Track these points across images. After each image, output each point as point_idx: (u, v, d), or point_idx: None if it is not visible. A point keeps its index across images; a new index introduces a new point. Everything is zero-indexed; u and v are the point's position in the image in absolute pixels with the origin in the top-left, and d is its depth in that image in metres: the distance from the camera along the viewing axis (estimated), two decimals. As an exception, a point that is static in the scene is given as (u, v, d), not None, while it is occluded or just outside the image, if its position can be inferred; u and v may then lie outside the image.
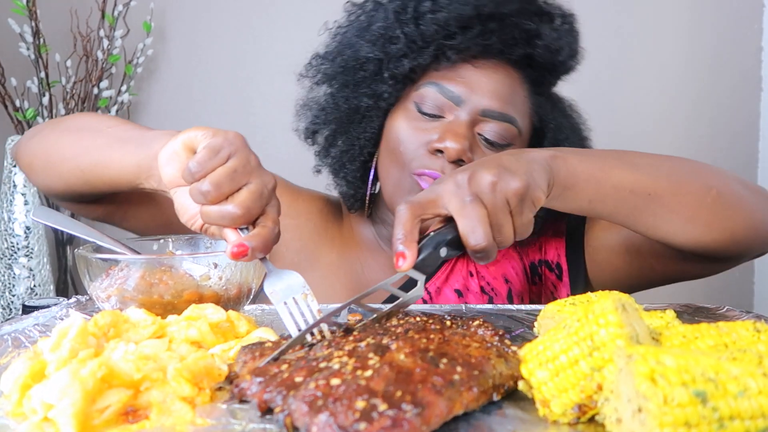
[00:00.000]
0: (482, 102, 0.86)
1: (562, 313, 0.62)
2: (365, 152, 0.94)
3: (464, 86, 0.86)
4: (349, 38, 0.93)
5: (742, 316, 0.74)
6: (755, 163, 1.92)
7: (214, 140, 0.61)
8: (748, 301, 1.89)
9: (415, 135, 0.87)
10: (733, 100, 1.89)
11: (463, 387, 0.44)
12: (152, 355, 0.52)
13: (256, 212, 0.61)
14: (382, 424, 0.39)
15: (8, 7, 1.59)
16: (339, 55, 0.93)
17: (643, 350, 0.39)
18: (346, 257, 1.00)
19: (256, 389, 0.46)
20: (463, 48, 0.86)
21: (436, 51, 0.87)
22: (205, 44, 1.83)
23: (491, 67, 0.88)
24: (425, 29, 0.87)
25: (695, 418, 0.36)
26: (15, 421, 0.46)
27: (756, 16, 1.87)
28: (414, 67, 0.88)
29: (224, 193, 0.60)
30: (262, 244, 0.60)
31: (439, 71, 0.88)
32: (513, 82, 0.89)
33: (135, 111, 1.82)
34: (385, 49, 0.89)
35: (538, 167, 0.66)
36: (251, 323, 0.64)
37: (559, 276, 0.98)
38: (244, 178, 0.60)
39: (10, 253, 1.44)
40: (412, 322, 0.57)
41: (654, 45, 1.87)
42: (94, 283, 0.69)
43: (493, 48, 0.87)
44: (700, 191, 0.74)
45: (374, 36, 0.90)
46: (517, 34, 0.87)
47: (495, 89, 0.87)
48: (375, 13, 0.92)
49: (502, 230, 0.61)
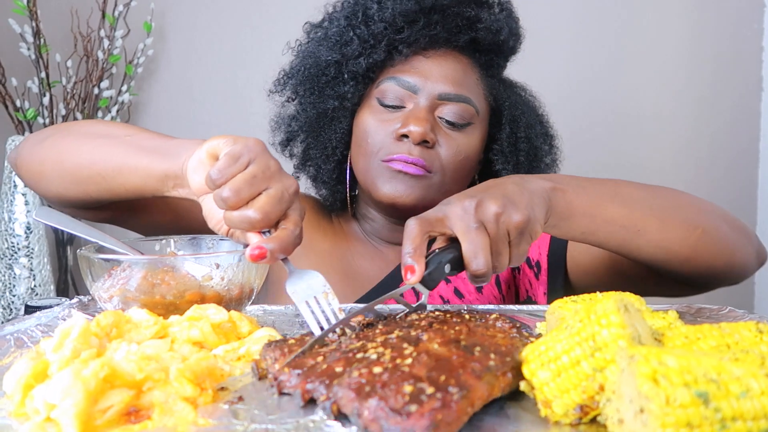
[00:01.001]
0: (437, 87, 0.93)
1: (564, 310, 0.62)
2: (338, 152, 1.01)
3: (419, 76, 0.93)
4: (310, 50, 1.01)
5: (744, 317, 0.74)
6: (755, 163, 1.92)
7: (234, 147, 0.63)
8: (748, 303, 1.90)
9: (380, 126, 0.93)
10: (733, 100, 1.89)
11: (499, 372, 0.47)
12: (154, 356, 0.52)
13: (276, 216, 0.63)
14: (432, 406, 0.40)
15: (9, 7, 1.59)
16: (302, 66, 1.01)
17: (645, 351, 0.39)
18: (338, 246, 1.05)
19: (296, 381, 0.47)
20: (413, 41, 0.94)
21: (388, 47, 0.95)
22: (205, 44, 1.83)
23: (441, 55, 0.96)
24: (374, 28, 0.94)
25: (697, 419, 0.36)
26: (18, 421, 0.46)
27: (756, 17, 1.88)
28: (371, 66, 0.95)
29: (244, 199, 0.61)
30: (280, 247, 0.62)
31: (394, 66, 0.96)
32: (464, 67, 0.97)
33: (135, 111, 1.82)
34: (342, 51, 0.96)
35: (538, 200, 0.70)
36: (253, 324, 0.64)
37: (536, 274, 1.01)
38: (264, 184, 0.62)
39: (10, 253, 1.44)
40: (432, 316, 0.59)
41: (654, 45, 1.87)
42: (96, 283, 0.69)
43: (440, 37, 0.95)
44: (687, 229, 0.79)
45: (331, 42, 0.97)
46: (459, 21, 0.95)
47: (447, 74, 0.94)
48: (329, 24, 1.00)
49: (500, 258, 0.66)
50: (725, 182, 1.91)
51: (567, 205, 0.73)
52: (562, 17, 1.86)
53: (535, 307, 0.82)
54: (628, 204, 0.77)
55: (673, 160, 1.88)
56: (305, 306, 0.61)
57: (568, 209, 0.73)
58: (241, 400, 0.49)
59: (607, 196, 0.76)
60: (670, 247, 0.78)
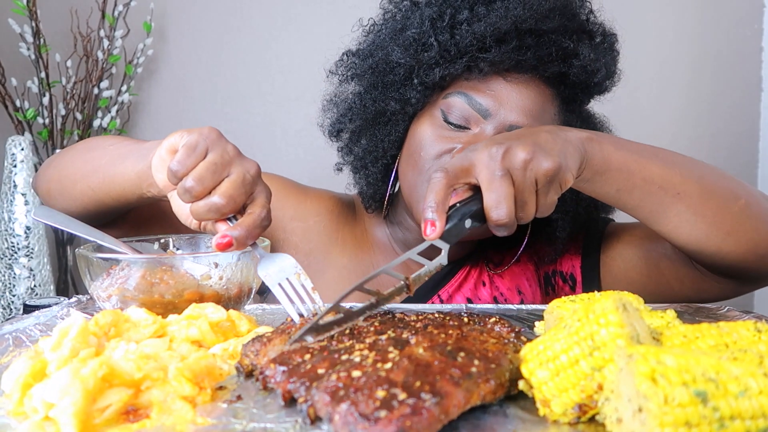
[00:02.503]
0: (510, 116, 0.84)
1: (562, 309, 0.62)
2: (388, 155, 0.94)
3: (493, 99, 0.85)
4: (382, 39, 0.92)
5: (742, 316, 0.74)
6: (755, 163, 1.92)
7: (190, 138, 0.64)
8: (748, 302, 1.89)
9: (438, 143, 0.86)
10: (733, 101, 1.89)
11: (480, 379, 0.45)
12: (153, 355, 0.52)
13: (241, 199, 0.63)
14: (401, 412, 0.40)
15: (8, 7, 1.59)
16: (370, 55, 0.92)
17: (644, 350, 0.39)
18: (358, 260, 0.99)
19: (280, 378, 0.47)
20: (497, 61, 0.84)
21: (469, 62, 0.85)
22: (205, 44, 1.83)
23: (523, 82, 0.86)
24: (460, 39, 0.85)
25: (696, 418, 0.36)
26: (16, 420, 0.46)
27: (756, 17, 1.87)
28: (444, 75, 0.86)
29: (207, 187, 0.62)
30: (245, 233, 0.62)
31: (469, 81, 0.86)
32: (544, 99, 0.87)
33: (135, 111, 1.82)
34: (418, 56, 0.87)
35: (572, 149, 0.66)
36: (252, 322, 0.64)
37: (572, 287, 0.97)
38: (225, 169, 0.63)
39: (10, 253, 1.44)
40: (431, 317, 0.58)
41: (654, 45, 1.87)
42: (95, 282, 0.69)
43: (528, 63, 0.85)
44: (728, 198, 0.73)
45: (407, 41, 0.88)
46: (554, 51, 0.85)
47: (524, 105, 0.85)
48: (410, 16, 0.90)
49: (525, 208, 0.63)
50: (725, 182, 1.91)
51: (604, 157, 0.68)
52: (562, 17, 1.86)
53: (534, 307, 0.82)
54: (668, 165, 0.72)
55: (672, 160, 1.88)
56: (278, 288, 0.62)
57: (604, 162, 0.68)
58: (240, 398, 0.49)
59: (647, 154, 0.71)
60: (710, 216, 0.72)
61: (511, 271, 0.98)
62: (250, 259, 0.70)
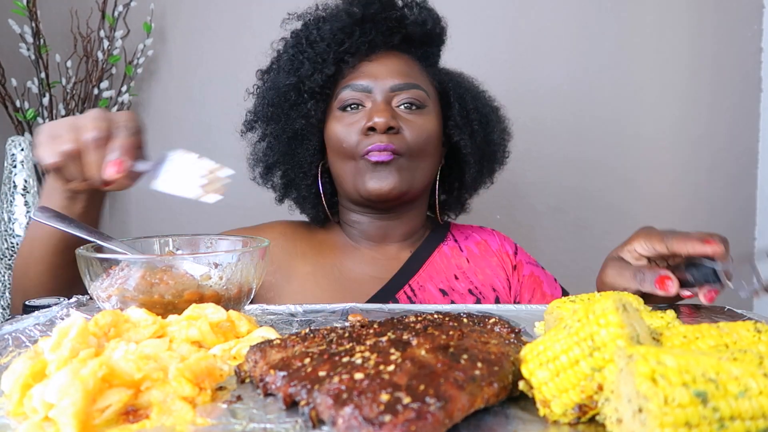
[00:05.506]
0: (387, 82, 1.04)
1: (562, 309, 0.62)
2: (313, 167, 1.10)
3: (369, 77, 1.04)
4: (268, 85, 1.11)
5: (742, 317, 0.74)
6: (755, 163, 1.92)
7: (45, 129, 0.79)
8: (748, 302, 1.89)
9: (349, 128, 1.03)
10: (733, 101, 1.89)
11: (484, 382, 0.45)
12: (153, 355, 0.52)
13: (106, 124, 0.76)
14: (406, 417, 0.40)
15: (8, 7, 1.59)
16: (265, 99, 1.10)
17: (644, 350, 0.39)
18: (320, 265, 1.09)
19: (280, 383, 0.47)
20: (354, 50, 1.05)
21: (336, 60, 1.05)
22: (205, 44, 1.83)
23: (383, 56, 1.07)
24: (319, 48, 1.05)
25: (696, 419, 0.36)
26: (16, 420, 0.46)
27: (756, 18, 1.88)
28: (326, 81, 1.05)
29: (75, 134, 0.75)
30: (121, 148, 0.75)
31: (346, 77, 1.06)
32: (405, 61, 1.08)
33: (135, 111, 1.81)
34: (297, 74, 1.06)
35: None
36: (252, 323, 0.64)
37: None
38: (80, 120, 0.76)
39: (10, 254, 1.44)
40: (429, 319, 0.58)
41: (654, 46, 1.87)
42: (94, 282, 0.68)
43: (377, 41, 1.06)
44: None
45: (285, 70, 1.08)
46: (389, 24, 1.07)
47: (393, 69, 1.05)
48: (279, 60, 1.11)
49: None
50: (724, 183, 1.91)
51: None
52: (563, 18, 1.86)
53: (534, 307, 0.82)
54: None
55: (672, 161, 1.88)
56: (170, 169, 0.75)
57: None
58: (240, 399, 0.49)
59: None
60: None
61: (484, 271, 1.12)
62: (250, 260, 0.70)
